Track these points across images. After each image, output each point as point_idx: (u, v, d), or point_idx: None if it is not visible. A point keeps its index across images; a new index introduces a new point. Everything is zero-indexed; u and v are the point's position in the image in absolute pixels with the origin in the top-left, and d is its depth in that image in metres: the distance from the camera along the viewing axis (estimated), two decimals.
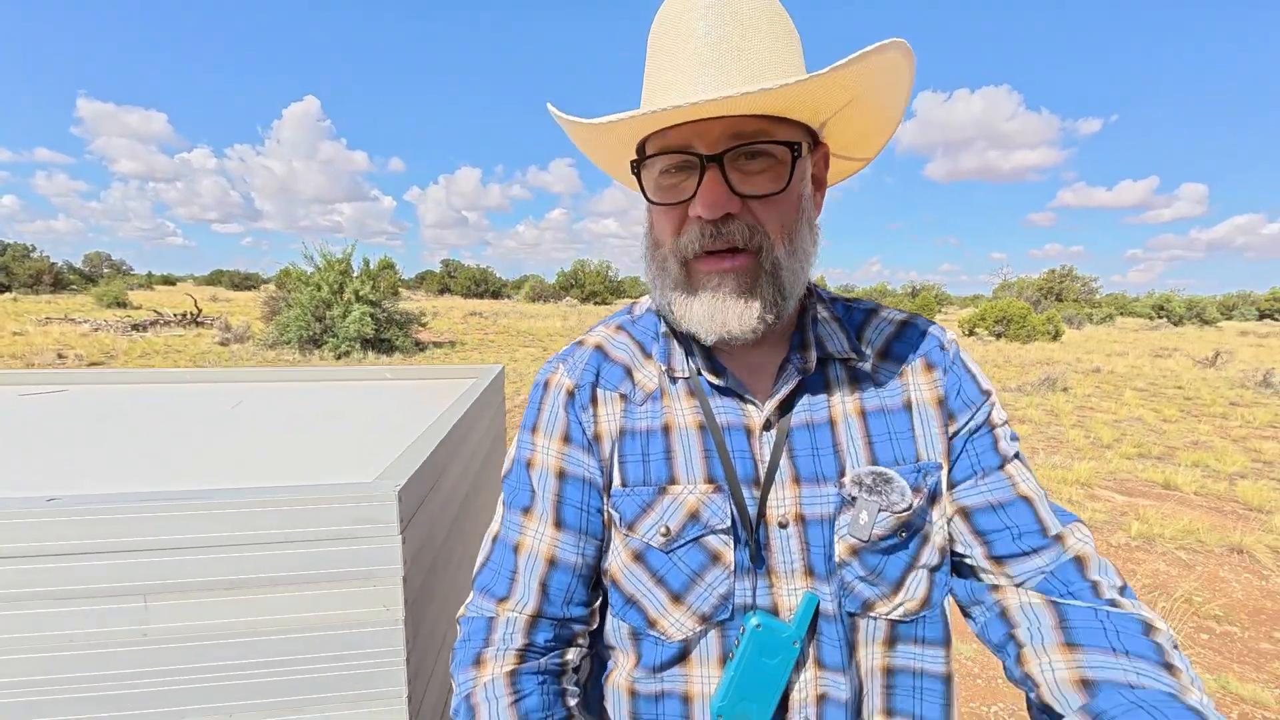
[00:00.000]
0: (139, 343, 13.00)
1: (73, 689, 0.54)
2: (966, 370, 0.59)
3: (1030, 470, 0.58)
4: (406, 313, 13.93)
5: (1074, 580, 0.51)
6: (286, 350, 12.06)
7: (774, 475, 0.56)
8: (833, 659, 0.56)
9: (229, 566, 0.54)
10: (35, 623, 0.53)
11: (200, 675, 0.56)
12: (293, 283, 13.55)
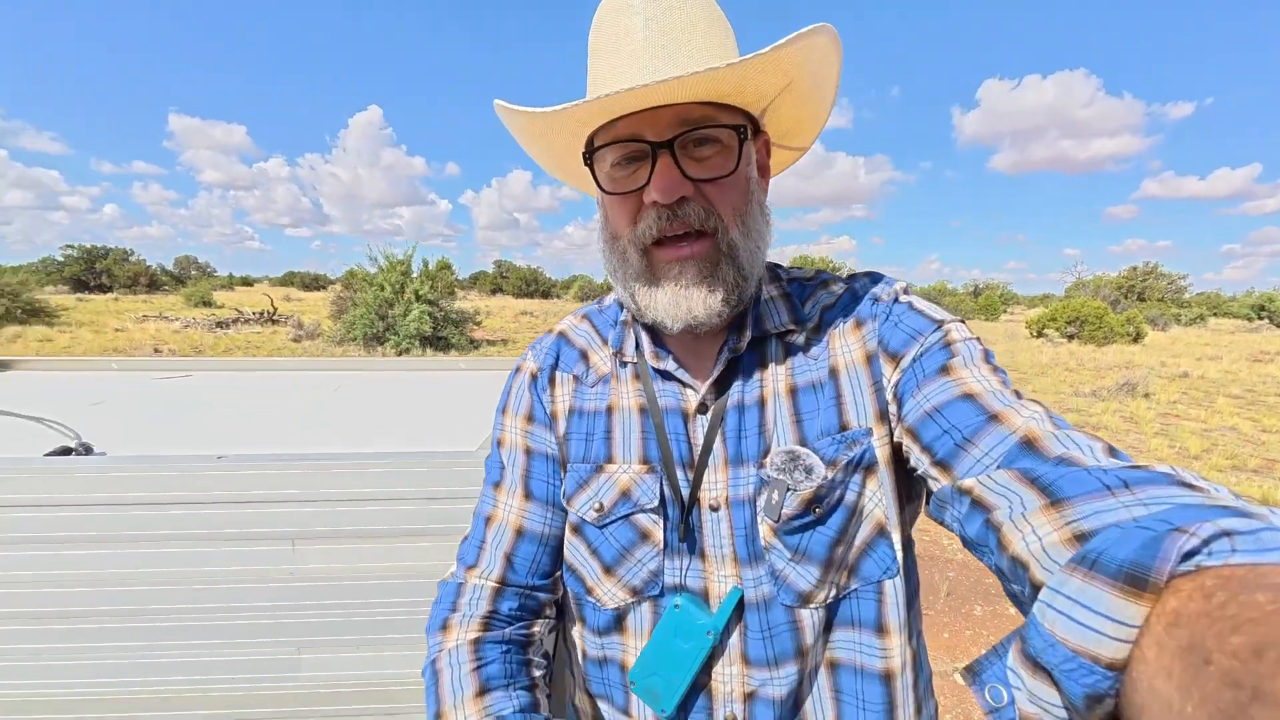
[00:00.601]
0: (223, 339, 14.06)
1: (232, 616, 0.65)
2: (911, 308, 0.56)
3: (994, 375, 0.49)
4: (462, 312, 14.47)
5: (1032, 464, 0.40)
6: (352, 347, 12.77)
7: (707, 458, 0.56)
8: (758, 654, 0.54)
9: (360, 518, 0.63)
10: (205, 559, 0.64)
11: (334, 610, 0.65)
12: (358, 283, 14.33)
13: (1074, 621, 0.28)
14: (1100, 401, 7.40)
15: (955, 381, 0.49)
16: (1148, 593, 0.25)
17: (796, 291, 0.62)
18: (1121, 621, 0.26)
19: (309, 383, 1.42)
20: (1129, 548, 0.27)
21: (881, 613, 0.53)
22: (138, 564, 0.63)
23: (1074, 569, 0.29)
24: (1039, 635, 0.29)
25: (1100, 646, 0.26)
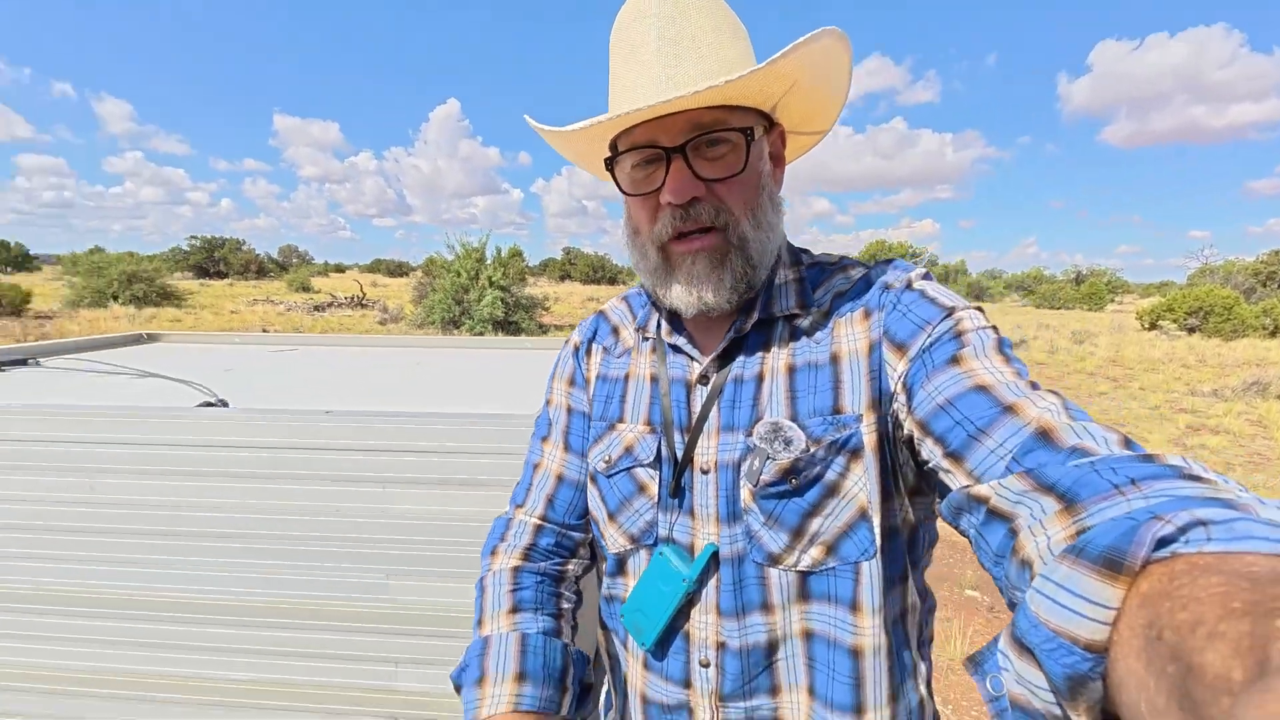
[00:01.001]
0: (319, 321, 15.34)
1: (334, 544, 0.78)
2: (922, 296, 0.57)
3: (1007, 366, 0.49)
4: (532, 297, 14.99)
5: (1047, 457, 0.40)
6: (431, 330, 13.58)
7: (703, 424, 0.61)
8: (728, 606, 0.58)
9: (438, 468, 0.74)
10: (314, 495, 0.77)
11: (416, 544, 0.76)
12: (437, 270, 15.16)
13: (1055, 603, 0.29)
14: (1222, 402, 6.64)
15: (967, 373, 0.48)
16: (1123, 575, 0.27)
17: (813, 276, 0.64)
18: (1097, 603, 0.27)
19: (394, 357, 1.59)
20: (1112, 535, 0.29)
21: (856, 592, 0.56)
22: (262, 496, 0.77)
23: (1064, 558, 0.30)
24: (1025, 617, 0.31)
25: (1078, 627, 0.28)
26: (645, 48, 0.57)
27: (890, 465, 0.56)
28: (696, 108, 0.54)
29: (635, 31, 0.58)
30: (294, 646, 0.80)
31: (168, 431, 0.77)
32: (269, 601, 0.79)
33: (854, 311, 0.59)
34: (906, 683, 0.60)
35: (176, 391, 1.07)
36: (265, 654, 0.80)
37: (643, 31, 0.57)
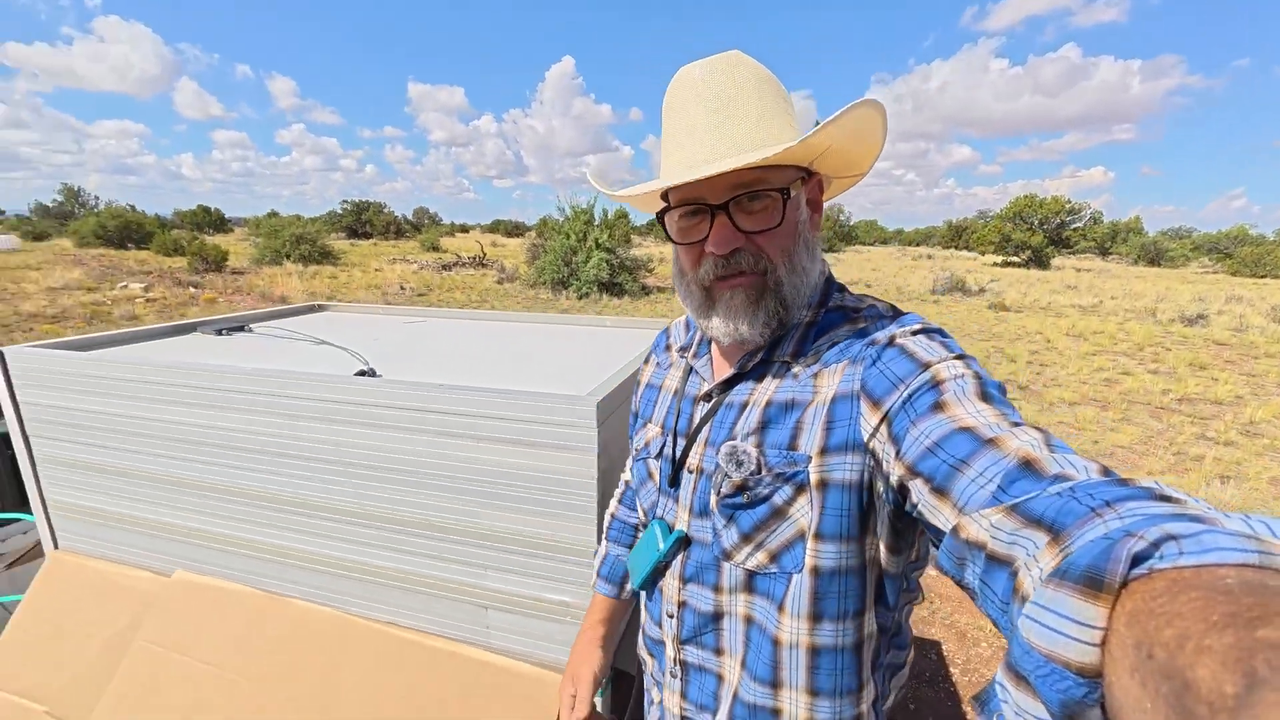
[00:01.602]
0: (447, 279, 16.83)
1: (444, 482, 1.07)
2: (901, 353, 0.59)
3: (989, 407, 0.50)
4: (636, 259, 15.25)
5: (1031, 487, 0.40)
6: (543, 290, 14.41)
7: (697, 435, 0.72)
8: (689, 577, 0.73)
9: (509, 430, 0.99)
10: (432, 445, 1.06)
11: (499, 485, 1.03)
12: (548, 231, 15.91)
13: (1044, 626, 0.29)
14: None
15: (950, 418, 0.50)
16: (1103, 593, 0.27)
17: (827, 321, 0.69)
18: (1083, 622, 0.28)
19: (500, 330, 1.90)
20: (1090, 555, 0.29)
21: (785, 596, 0.65)
22: (399, 443, 1.08)
23: (1049, 581, 0.31)
24: (1018, 644, 0.31)
25: (1067, 649, 0.28)
26: (695, 115, 0.64)
27: (852, 507, 0.61)
28: (738, 169, 0.60)
29: (687, 99, 0.65)
30: (419, 548, 1.12)
31: (339, 392, 1.09)
32: (403, 515, 1.11)
33: (838, 363, 0.64)
34: (835, 688, 0.67)
35: (341, 357, 1.44)
36: (401, 551, 1.13)
37: (694, 99, 0.64)
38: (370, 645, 1.14)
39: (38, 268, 16.32)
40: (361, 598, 1.18)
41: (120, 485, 1.32)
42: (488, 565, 1.07)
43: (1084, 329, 10.96)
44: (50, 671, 1.28)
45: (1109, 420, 5.89)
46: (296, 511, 1.18)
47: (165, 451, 1.25)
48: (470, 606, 1.10)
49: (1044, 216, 32.33)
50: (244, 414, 1.16)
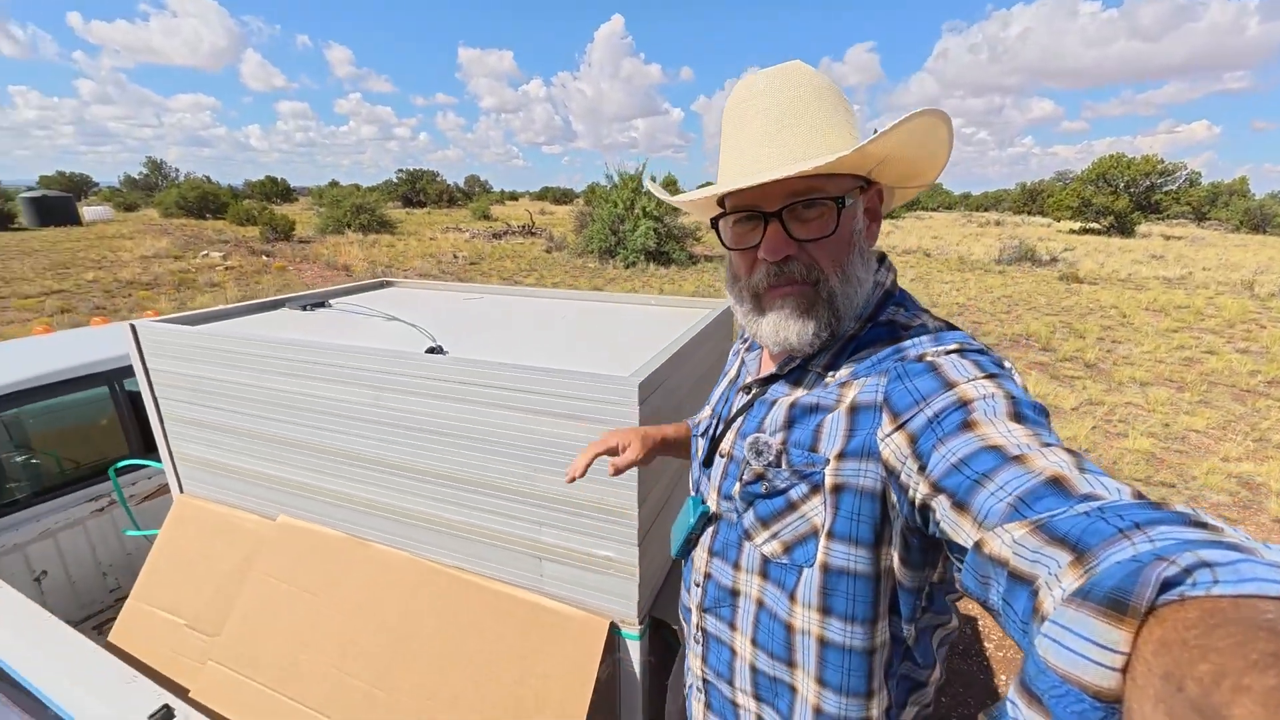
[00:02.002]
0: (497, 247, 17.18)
1: (502, 448, 1.21)
2: (928, 370, 0.59)
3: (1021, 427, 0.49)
4: (683, 227, 15.08)
5: (1057, 504, 0.39)
6: (590, 259, 14.53)
7: (733, 422, 0.76)
8: (717, 550, 0.76)
9: (561, 405, 1.11)
10: (492, 416, 1.20)
11: (549, 452, 1.16)
12: (596, 199, 15.91)
13: (1062, 647, 0.29)
14: None
15: (978, 436, 0.49)
16: (1128, 617, 0.26)
17: (872, 335, 0.68)
18: (1104, 645, 0.27)
19: (550, 307, 2.03)
20: (1116, 577, 0.29)
21: (795, 586, 0.68)
22: (462, 413, 1.22)
23: (1069, 601, 0.30)
24: (1033, 663, 0.31)
25: (1085, 671, 0.27)
26: (753, 123, 0.65)
27: (865, 514, 0.62)
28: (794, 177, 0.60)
29: (745, 106, 0.66)
30: (483, 505, 1.27)
31: (413, 368, 1.24)
32: (469, 475, 1.27)
33: (868, 375, 0.64)
34: (842, 686, 0.68)
35: (411, 333, 1.60)
36: (468, 507, 1.29)
37: (752, 107, 0.65)
38: (441, 585, 1.32)
39: (130, 237, 17.75)
40: (433, 545, 1.35)
41: (230, 441, 1.54)
42: (542, 522, 1.21)
43: (1166, 303, 10.17)
44: (187, 593, 1.54)
45: (1184, 402, 5.55)
46: (378, 469, 1.35)
47: (267, 414, 1.45)
48: (527, 557, 1.25)
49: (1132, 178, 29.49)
50: (334, 384, 1.33)
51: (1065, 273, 12.99)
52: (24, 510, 1.90)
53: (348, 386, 1.31)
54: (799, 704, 0.71)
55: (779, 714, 0.74)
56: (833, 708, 0.69)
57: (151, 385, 1.61)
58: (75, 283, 10.65)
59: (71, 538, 2.02)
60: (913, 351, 0.62)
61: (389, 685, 1.24)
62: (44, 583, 1.95)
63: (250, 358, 1.42)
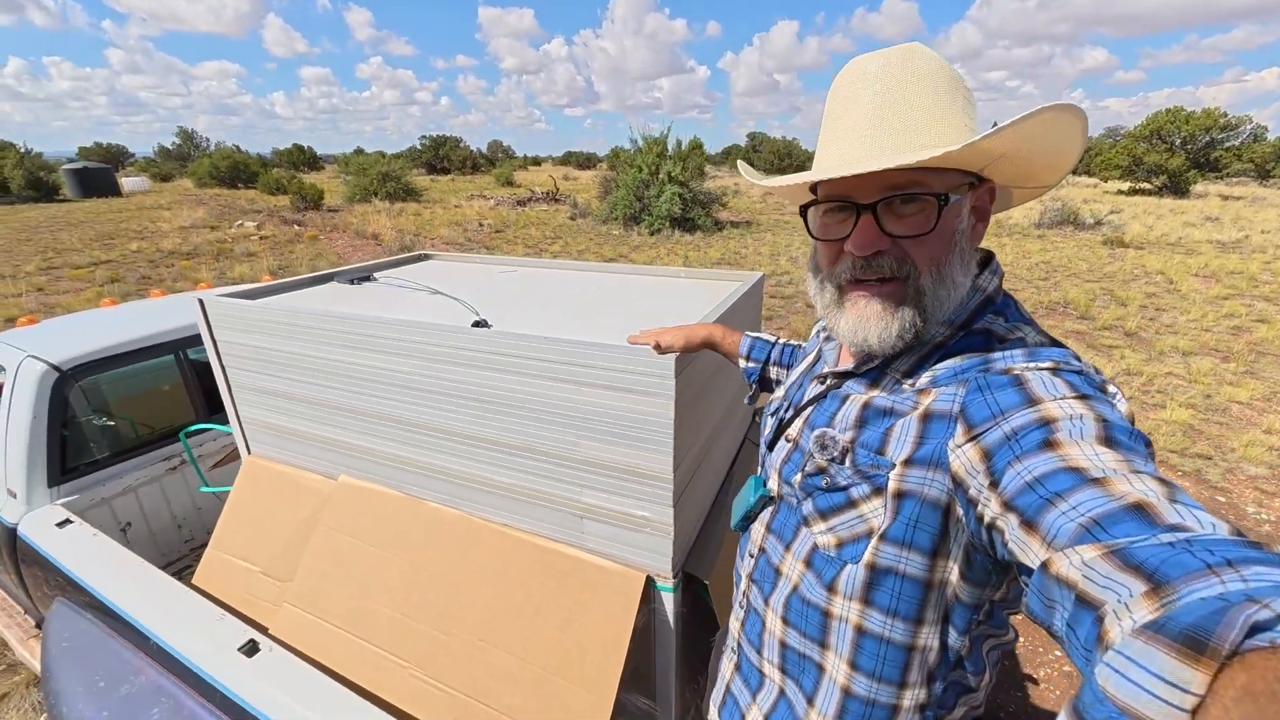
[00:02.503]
0: (521, 215, 17.16)
1: (546, 416, 1.29)
2: (1013, 384, 0.55)
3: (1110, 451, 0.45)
4: (709, 192, 14.82)
5: (1138, 532, 0.37)
6: (615, 226, 14.43)
7: (801, 410, 0.77)
8: (774, 528, 0.78)
9: (602, 377, 1.19)
10: (536, 385, 1.28)
11: (591, 421, 1.24)
12: (620, 165, 15.69)
13: (1125, 679, 0.27)
14: None
15: (1058, 457, 0.46)
16: (1205, 657, 0.25)
17: (959, 346, 0.63)
18: (1173, 683, 0.25)
19: (579, 281, 2.09)
20: (1197, 614, 0.27)
21: (836, 579, 0.68)
22: (505, 383, 1.31)
23: (1140, 633, 0.29)
24: (1090, 691, 0.30)
25: (1148, 708, 0.26)
26: (858, 108, 0.60)
27: (924, 522, 0.60)
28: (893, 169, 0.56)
29: (852, 89, 0.61)
30: (529, 468, 1.37)
31: (461, 340, 1.33)
32: (516, 440, 1.36)
33: (948, 384, 0.61)
34: (875, 672, 0.68)
35: (454, 306, 1.68)
36: (514, 470, 1.39)
37: (859, 91, 0.61)
38: (491, 541, 1.44)
39: (168, 208, 18.25)
40: (483, 504, 1.46)
41: (293, 407, 1.67)
42: (583, 484, 1.30)
43: (1218, 269, 9.69)
44: (259, 543, 1.70)
45: (1229, 372, 5.37)
46: (431, 434, 1.46)
47: (326, 382, 1.56)
48: (570, 516, 1.35)
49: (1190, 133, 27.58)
50: (388, 356, 1.43)
51: (1110, 237, 12.42)
52: (109, 468, 2.09)
53: (400, 358, 1.41)
54: (825, 683, 0.72)
55: (802, 691, 0.74)
56: (862, 690, 0.69)
57: (219, 355, 1.74)
58: (120, 253, 11.09)
59: (149, 493, 2.21)
60: (1000, 364, 0.58)
61: (447, 629, 1.37)
62: (129, 533, 2.15)
63: (310, 330, 1.52)
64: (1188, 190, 25.29)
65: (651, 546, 1.28)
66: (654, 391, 1.15)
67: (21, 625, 2.17)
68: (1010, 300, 0.68)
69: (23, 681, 2.23)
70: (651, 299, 1.81)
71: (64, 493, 1.97)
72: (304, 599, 1.53)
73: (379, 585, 1.47)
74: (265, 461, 1.81)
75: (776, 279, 8.90)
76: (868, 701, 0.69)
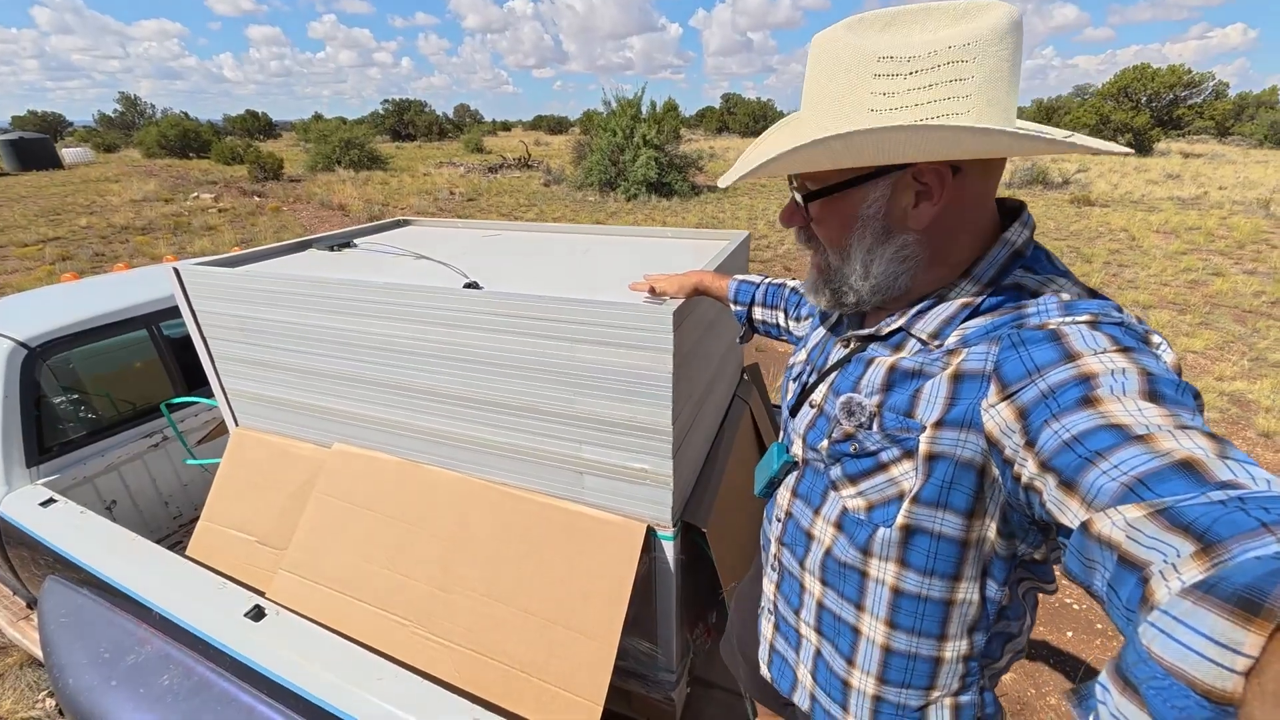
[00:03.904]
0: (494, 182, 16.70)
1: (541, 373, 1.30)
2: (1049, 339, 0.53)
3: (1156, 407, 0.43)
4: (685, 156, 14.60)
5: (1186, 490, 0.35)
6: (590, 192, 14.16)
7: (825, 375, 0.75)
8: (800, 492, 0.78)
9: (600, 334, 1.20)
10: (530, 345, 1.28)
11: (587, 377, 1.26)
12: (594, 128, 15.31)
13: (1172, 639, 0.27)
14: None
15: (1099, 414, 0.44)
16: (1260, 618, 0.24)
17: (988, 304, 0.61)
18: (1227, 645, 0.25)
19: (565, 243, 2.07)
20: (1252, 574, 0.26)
21: (869, 543, 0.68)
22: (502, 342, 1.31)
23: (1188, 593, 0.28)
24: (1134, 650, 0.29)
25: (1197, 669, 0.25)
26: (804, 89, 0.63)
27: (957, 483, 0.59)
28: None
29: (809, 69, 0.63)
30: (527, 427, 1.39)
31: (455, 302, 1.32)
32: (514, 400, 1.37)
33: (978, 343, 0.59)
34: (914, 627, 0.68)
35: (441, 271, 1.66)
36: (513, 430, 1.40)
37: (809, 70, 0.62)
38: (490, 499, 1.46)
39: (116, 180, 17.27)
40: (481, 465, 1.48)
41: (282, 376, 1.64)
42: (582, 440, 1.33)
43: (1178, 225, 10.01)
44: (253, 513, 1.70)
45: (1185, 324, 5.62)
46: (426, 398, 1.46)
47: (316, 350, 1.54)
48: (569, 472, 1.38)
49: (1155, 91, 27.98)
50: (380, 320, 1.41)
51: (1077, 195, 12.68)
52: (88, 446, 2.04)
53: (393, 322, 1.40)
54: (863, 644, 0.73)
55: (839, 652, 0.76)
56: (902, 645, 0.70)
57: (199, 325, 1.69)
58: (69, 229, 10.51)
59: (133, 471, 2.17)
60: (1034, 319, 0.56)
61: (447, 585, 1.41)
62: (114, 511, 2.12)
63: (299, 297, 1.49)
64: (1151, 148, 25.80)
65: (651, 498, 1.32)
66: (652, 345, 1.16)
67: (10, 608, 2.14)
68: (1042, 252, 0.65)
69: (15, 663, 2.22)
70: (639, 259, 1.81)
71: (43, 473, 1.92)
72: (301, 565, 1.54)
73: (377, 548, 1.49)
74: (254, 433, 1.79)
75: (754, 243, 8.91)
76: (909, 655, 0.70)
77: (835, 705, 0.79)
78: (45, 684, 2.14)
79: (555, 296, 1.21)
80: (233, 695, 1.27)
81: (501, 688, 1.29)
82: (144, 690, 1.32)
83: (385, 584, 1.46)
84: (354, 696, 1.13)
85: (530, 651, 1.31)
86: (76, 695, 1.35)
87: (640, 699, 1.62)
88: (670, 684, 1.57)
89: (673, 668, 1.56)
